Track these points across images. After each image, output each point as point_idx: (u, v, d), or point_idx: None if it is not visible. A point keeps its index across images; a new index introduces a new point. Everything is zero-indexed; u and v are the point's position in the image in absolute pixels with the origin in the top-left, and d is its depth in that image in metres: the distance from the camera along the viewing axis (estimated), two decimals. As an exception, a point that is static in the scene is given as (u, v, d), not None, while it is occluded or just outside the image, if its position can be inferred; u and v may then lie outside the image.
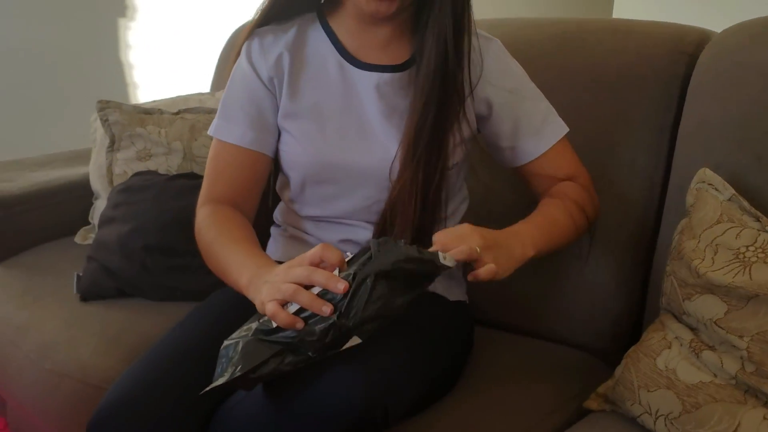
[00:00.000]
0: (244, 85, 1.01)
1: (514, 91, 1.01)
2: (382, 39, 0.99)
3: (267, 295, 0.76)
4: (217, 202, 1.00)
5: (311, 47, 1.01)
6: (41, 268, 1.43)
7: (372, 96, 0.98)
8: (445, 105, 0.94)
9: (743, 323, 0.79)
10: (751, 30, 1.04)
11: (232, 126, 1.00)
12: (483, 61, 1.00)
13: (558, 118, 1.04)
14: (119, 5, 2.53)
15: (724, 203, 0.88)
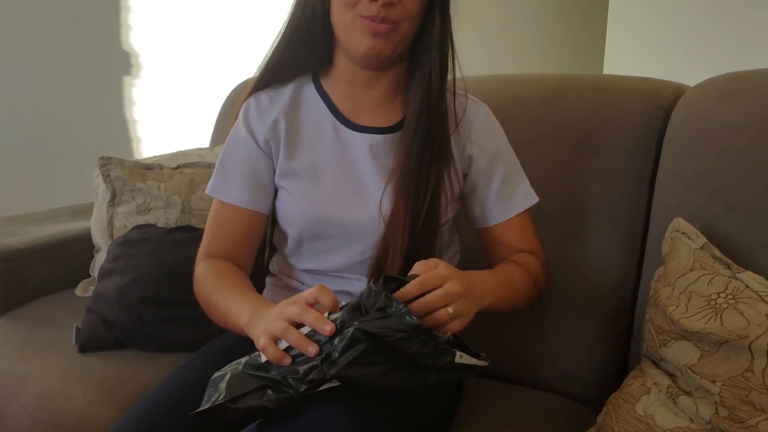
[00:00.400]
0: (241, 147, 1.06)
1: (494, 155, 1.06)
2: (375, 101, 1.05)
3: (261, 330, 0.80)
4: (214, 257, 1.05)
5: (306, 110, 1.06)
6: (42, 320, 1.46)
7: (366, 156, 1.02)
8: (432, 165, 0.99)
9: (715, 369, 0.81)
10: (720, 86, 1.09)
11: (229, 185, 1.05)
12: (472, 123, 1.05)
13: (530, 189, 1.08)
14: (125, 64, 2.62)
15: (697, 251, 0.92)
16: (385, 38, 0.95)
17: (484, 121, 1.06)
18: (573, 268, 1.19)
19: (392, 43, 0.96)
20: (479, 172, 1.06)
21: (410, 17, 0.95)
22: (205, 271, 1.03)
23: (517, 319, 1.22)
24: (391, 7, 0.92)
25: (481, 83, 1.35)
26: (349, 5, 0.94)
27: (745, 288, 0.85)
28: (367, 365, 0.73)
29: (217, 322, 1.00)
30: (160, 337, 1.29)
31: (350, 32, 0.96)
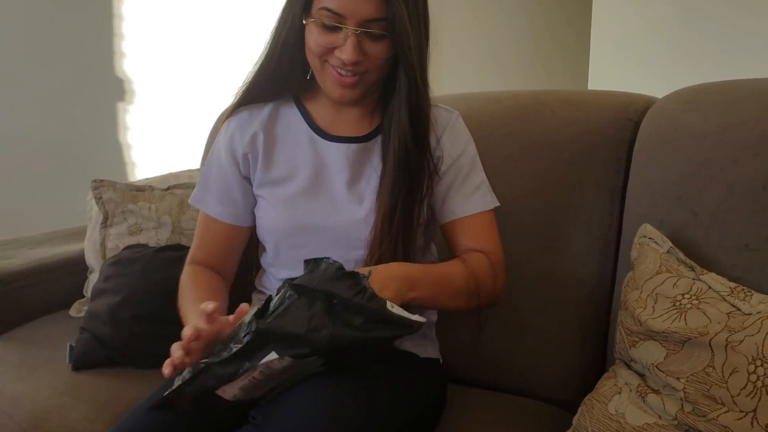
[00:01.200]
0: (218, 162, 1.11)
1: (459, 157, 1.09)
2: (353, 116, 1.09)
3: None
4: (198, 264, 1.13)
5: (283, 123, 1.10)
6: (37, 340, 1.49)
7: (342, 165, 1.07)
8: (412, 170, 1.03)
9: (680, 366, 0.85)
10: (685, 97, 1.13)
11: (207, 196, 1.12)
12: (442, 128, 1.09)
13: (490, 193, 1.10)
14: (119, 90, 2.67)
15: (663, 255, 0.96)
16: (354, 88, 1.00)
17: (453, 126, 1.10)
18: (551, 276, 1.23)
19: (361, 90, 1.01)
20: (444, 172, 1.08)
21: (377, 69, 0.99)
22: (185, 278, 1.11)
23: (497, 326, 1.25)
24: (358, 64, 0.97)
25: (458, 101, 1.39)
26: (318, 55, 0.99)
27: (708, 289, 0.89)
28: (297, 317, 0.79)
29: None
30: (152, 354, 1.31)
31: (321, 77, 1.02)
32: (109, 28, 2.63)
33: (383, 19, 0.94)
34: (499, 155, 1.29)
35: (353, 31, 0.94)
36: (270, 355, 0.79)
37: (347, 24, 0.94)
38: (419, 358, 1.12)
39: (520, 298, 1.24)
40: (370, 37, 0.96)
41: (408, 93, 1.00)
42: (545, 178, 1.26)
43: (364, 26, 0.94)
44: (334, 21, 0.94)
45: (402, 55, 0.97)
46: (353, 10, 0.93)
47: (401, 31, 0.94)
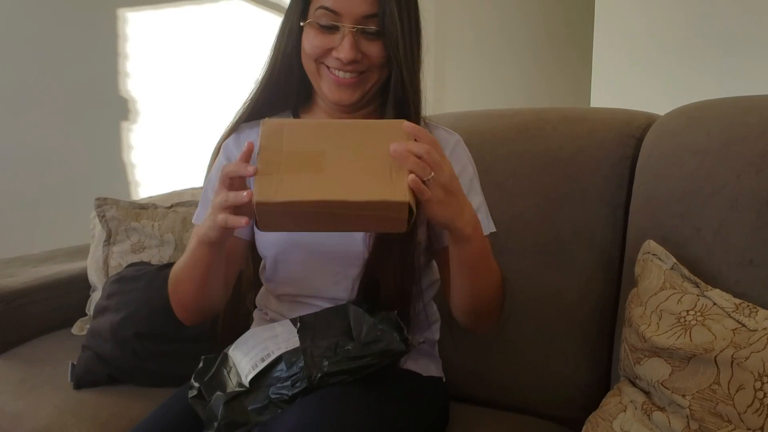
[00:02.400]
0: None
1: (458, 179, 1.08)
2: None
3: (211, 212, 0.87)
4: None
5: None
6: (39, 358, 1.49)
7: None
8: None
9: (685, 383, 0.84)
10: (687, 114, 1.14)
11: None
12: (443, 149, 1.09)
13: (487, 219, 1.08)
14: (123, 109, 2.69)
15: (667, 271, 0.95)
16: (353, 88, 1.00)
17: (453, 148, 1.10)
18: (554, 294, 1.22)
19: (361, 92, 1.01)
20: None
21: (376, 67, 1.00)
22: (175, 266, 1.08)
23: (501, 345, 1.24)
24: (355, 63, 0.98)
25: (460, 119, 1.40)
26: (313, 57, 1.00)
27: (713, 305, 0.88)
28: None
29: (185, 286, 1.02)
30: (154, 372, 1.31)
31: (318, 81, 1.02)
32: (113, 48, 2.65)
33: (377, 15, 0.96)
34: (501, 172, 1.29)
35: (350, 29, 0.96)
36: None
37: (344, 22, 0.96)
38: (422, 377, 1.11)
39: (523, 314, 1.24)
40: (366, 36, 0.97)
41: (395, 92, 1.00)
42: (548, 194, 1.25)
43: (360, 23, 0.96)
44: (331, 20, 0.96)
45: (392, 52, 0.98)
46: (349, 8, 0.95)
47: (392, 27, 0.96)
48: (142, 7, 2.71)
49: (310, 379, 0.87)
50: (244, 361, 0.94)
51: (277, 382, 0.89)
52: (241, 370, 0.92)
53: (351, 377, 0.89)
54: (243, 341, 0.99)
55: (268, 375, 0.90)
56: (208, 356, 1.00)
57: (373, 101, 1.07)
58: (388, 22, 0.96)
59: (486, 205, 1.10)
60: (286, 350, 0.91)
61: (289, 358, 0.90)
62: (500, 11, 3.71)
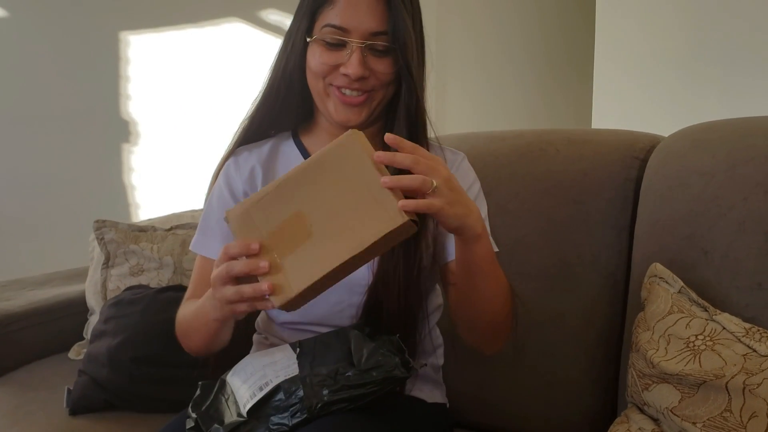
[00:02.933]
0: (220, 202, 1.09)
1: None
2: None
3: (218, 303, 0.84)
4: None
5: (283, 161, 1.09)
6: (34, 383, 1.46)
7: None
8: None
9: (695, 410, 0.82)
10: (692, 135, 1.13)
11: (208, 240, 1.07)
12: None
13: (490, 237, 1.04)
14: (123, 131, 2.69)
15: (675, 295, 0.93)
16: (360, 108, 0.99)
17: (458, 166, 1.08)
18: (558, 318, 1.20)
19: (368, 111, 1.00)
20: None
21: (383, 85, 0.98)
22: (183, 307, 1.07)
23: (504, 370, 1.22)
24: (363, 80, 0.96)
25: (462, 140, 1.39)
26: (320, 75, 0.98)
27: (722, 330, 0.87)
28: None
29: (194, 342, 1.02)
30: (151, 398, 1.29)
31: (324, 101, 1.01)
32: (115, 71, 2.66)
33: (386, 33, 0.95)
34: (503, 194, 1.28)
35: (358, 45, 0.94)
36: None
37: (351, 38, 0.94)
38: (426, 404, 1.09)
39: (526, 340, 1.21)
40: (374, 53, 0.96)
41: (407, 108, 0.99)
42: (551, 217, 1.24)
43: (368, 39, 0.95)
44: (338, 36, 0.95)
45: (405, 68, 0.96)
46: (357, 24, 0.94)
47: (403, 44, 0.94)
48: (144, 30, 2.72)
49: (310, 409, 0.85)
50: (243, 388, 0.91)
51: (277, 412, 0.87)
52: (239, 398, 0.90)
53: (352, 405, 0.86)
54: (241, 367, 0.97)
55: (267, 404, 0.88)
56: (205, 382, 0.98)
57: (378, 119, 1.05)
58: (399, 38, 0.95)
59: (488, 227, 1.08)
60: (284, 378, 0.89)
61: (288, 387, 0.88)
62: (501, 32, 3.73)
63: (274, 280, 0.77)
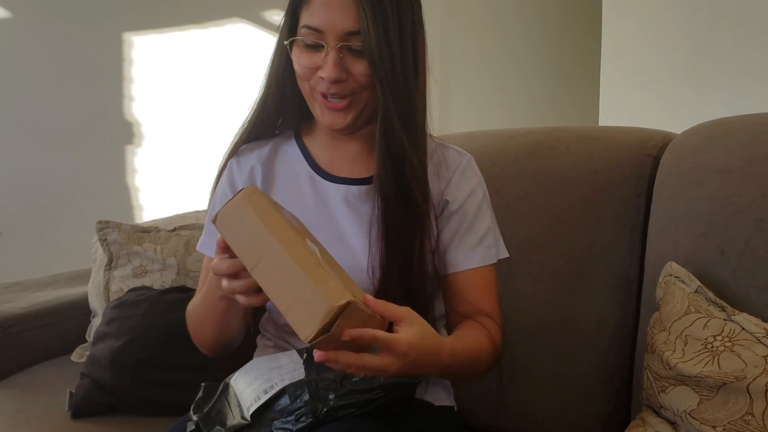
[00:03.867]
0: (222, 201, 1.06)
1: (465, 202, 1.03)
2: (351, 153, 1.05)
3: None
4: None
5: (283, 161, 1.07)
6: (36, 387, 1.44)
7: (342, 207, 1.02)
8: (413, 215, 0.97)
9: (715, 413, 0.79)
10: (705, 132, 1.10)
11: (213, 241, 1.04)
12: (452, 171, 1.04)
13: (497, 245, 1.04)
14: (127, 133, 2.67)
15: (691, 295, 0.91)
16: (344, 112, 0.96)
17: (464, 170, 1.05)
18: (569, 319, 1.18)
19: (353, 114, 0.96)
20: (449, 217, 1.03)
21: (363, 89, 0.94)
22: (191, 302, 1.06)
23: (514, 372, 1.20)
24: (341, 83, 0.93)
25: (469, 139, 1.36)
26: (304, 78, 0.96)
27: (741, 330, 0.84)
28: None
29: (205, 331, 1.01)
30: (154, 401, 1.27)
31: (311, 103, 0.99)
32: (118, 72, 2.65)
33: (359, 32, 0.91)
34: (512, 193, 1.26)
35: (333, 46, 0.91)
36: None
37: (327, 39, 0.92)
38: (433, 407, 1.06)
39: (538, 342, 1.19)
40: (352, 53, 0.93)
41: (382, 120, 0.93)
42: (561, 216, 1.22)
43: (343, 40, 0.91)
44: (315, 38, 0.92)
45: (373, 72, 0.91)
46: (331, 24, 0.91)
47: (373, 46, 0.90)
48: (148, 31, 2.71)
49: (316, 414, 0.83)
50: (247, 391, 0.89)
51: (281, 416, 0.85)
52: (243, 401, 0.88)
53: (359, 410, 0.84)
54: (246, 371, 0.94)
55: (271, 408, 0.86)
56: (208, 384, 0.96)
57: (371, 120, 1.00)
58: (367, 40, 0.90)
59: (497, 230, 1.06)
60: (290, 382, 0.87)
61: (293, 391, 0.86)
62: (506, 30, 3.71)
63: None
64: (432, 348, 0.80)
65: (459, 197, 1.03)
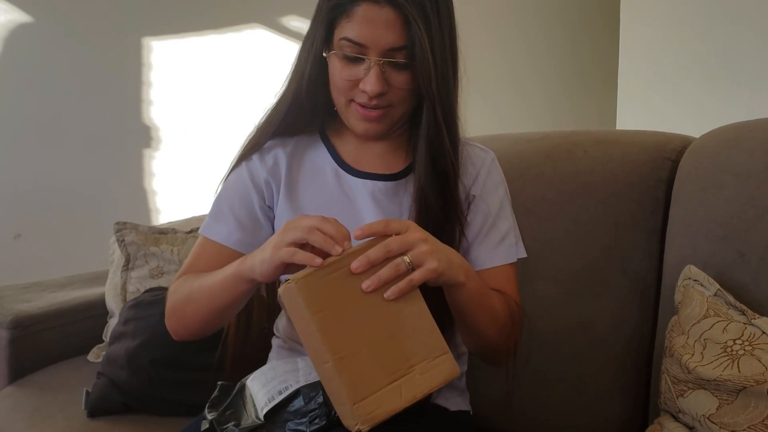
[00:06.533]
0: (238, 188, 1.05)
1: (489, 199, 1.04)
2: (379, 151, 1.05)
3: (278, 243, 0.80)
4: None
5: (309, 157, 1.06)
6: (53, 386, 1.45)
7: (368, 202, 1.02)
8: (442, 213, 0.97)
9: (735, 418, 0.78)
10: (725, 135, 1.09)
11: (220, 226, 1.03)
12: (478, 169, 1.04)
13: (517, 244, 1.04)
14: (145, 137, 2.69)
15: (710, 298, 0.90)
16: (379, 122, 0.96)
17: (488, 167, 1.05)
18: (586, 323, 1.17)
19: (387, 124, 0.97)
20: (475, 213, 1.03)
21: (402, 101, 0.95)
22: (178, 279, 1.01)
23: (531, 376, 1.19)
24: (382, 96, 0.93)
25: (487, 142, 1.35)
26: (343, 92, 0.96)
27: (762, 334, 0.83)
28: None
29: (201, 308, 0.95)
30: (170, 401, 1.27)
31: (346, 114, 0.98)
32: (137, 76, 2.67)
33: (405, 47, 0.91)
34: (530, 196, 1.25)
35: (376, 61, 0.91)
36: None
37: (369, 54, 0.91)
38: (449, 412, 1.06)
39: (554, 346, 1.18)
40: (394, 67, 0.92)
41: (428, 127, 0.95)
42: (579, 219, 1.21)
43: (387, 56, 0.91)
44: (355, 52, 0.91)
45: (423, 85, 0.92)
46: (375, 40, 0.90)
47: (422, 60, 0.90)
48: (167, 36, 2.73)
49: (329, 417, 0.82)
50: (262, 392, 0.89)
51: (294, 417, 0.84)
52: (258, 402, 0.88)
53: None
54: (263, 372, 0.94)
55: (285, 409, 0.86)
56: (224, 383, 0.96)
57: (403, 125, 1.02)
58: (418, 53, 0.90)
59: (517, 229, 1.05)
60: (305, 383, 0.87)
61: (307, 393, 0.86)
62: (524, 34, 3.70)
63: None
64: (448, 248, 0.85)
65: (484, 193, 1.04)
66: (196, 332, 1.00)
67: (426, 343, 0.77)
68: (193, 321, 0.98)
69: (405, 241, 0.78)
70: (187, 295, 0.97)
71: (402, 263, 0.77)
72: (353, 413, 0.72)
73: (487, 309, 0.92)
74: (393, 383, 0.74)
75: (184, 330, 1.00)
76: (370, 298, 0.76)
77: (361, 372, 0.74)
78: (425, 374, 0.76)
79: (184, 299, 0.98)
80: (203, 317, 0.96)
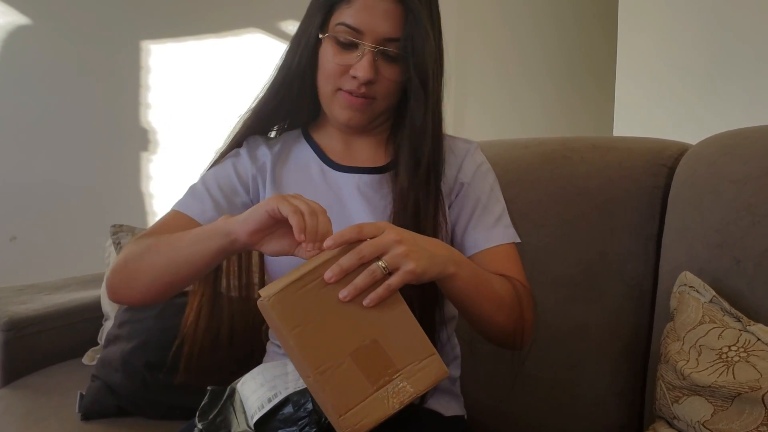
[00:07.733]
0: (222, 177, 1.05)
1: (478, 184, 1.04)
2: (364, 146, 1.06)
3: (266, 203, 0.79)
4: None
5: (294, 157, 1.07)
6: (48, 388, 1.45)
7: (355, 196, 1.02)
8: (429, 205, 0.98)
9: (729, 424, 0.78)
10: (721, 142, 1.09)
11: (196, 202, 1.02)
12: (462, 158, 1.05)
13: (510, 227, 1.03)
14: (142, 141, 2.69)
15: (706, 305, 0.90)
16: (363, 111, 0.97)
17: (472, 154, 1.06)
18: (582, 329, 1.17)
19: (370, 115, 0.98)
20: (462, 200, 1.03)
21: (387, 95, 0.97)
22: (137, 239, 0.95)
23: (525, 381, 1.19)
24: (371, 84, 0.94)
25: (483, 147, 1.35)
26: (332, 78, 0.96)
27: (757, 341, 0.83)
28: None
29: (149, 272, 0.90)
30: (164, 404, 1.27)
31: (330, 103, 0.99)
32: (135, 80, 2.67)
33: (399, 40, 0.92)
34: (526, 201, 1.25)
35: (370, 49, 0.92)
36: None
37: (365, 41, 0.92)
38: (443, 417, 1.05)
39: (549, 351, 1.18)
40: (386, 58, 0.94)
41: (413, 119, 0.97)
42: (575, 225, 1.21)
43: (381, 44, 0.92)
44: (351, 37, 0.93)
45: (416, 76, 0.94)
46: (372, 27, 0.92)
47: (417, 53, 0.92)
48: (165, 40, 2.73)
49: (319, 424, 0.82)
50: (252, 398, 0.89)
51: (284, 426, 0.83)
52: (248, 408, 0.88)
53: None
54: (253, 376, 0.94)
55: (274, 417, 0.85)
56: (214, 388, 0.95)
57: (385, 120, 1.04)
58: (416, 46, 0.92)
59: (507, 212, 1.04)
60: (294, 390, 0.86)
61: (296, 400, 0.85)
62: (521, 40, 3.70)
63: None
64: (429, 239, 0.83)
65: (474, 180, 1.04)
66: (141, 289, 0.93)
67: (411, 346, 0.75)
68: (145, 273, 0.91)
69: (378, 245, 0.76)
70: (147, 246, 0.92)
71: (377, 269, 0.75)
72: (339, 425, 0.72)
73: (488, 294, 0.89)
74: (379, 390, 0.73)
75: (126, 287, 0.94)
76: (348, 307, 0.74)
77: (345, 383, 0.72)
78: (412, 378, 0.74)
79: (141, 251, 0.92)
80: (158, 269, 0.90)
